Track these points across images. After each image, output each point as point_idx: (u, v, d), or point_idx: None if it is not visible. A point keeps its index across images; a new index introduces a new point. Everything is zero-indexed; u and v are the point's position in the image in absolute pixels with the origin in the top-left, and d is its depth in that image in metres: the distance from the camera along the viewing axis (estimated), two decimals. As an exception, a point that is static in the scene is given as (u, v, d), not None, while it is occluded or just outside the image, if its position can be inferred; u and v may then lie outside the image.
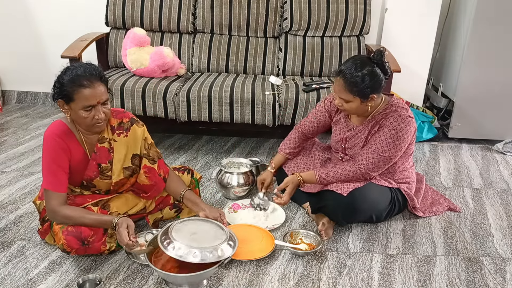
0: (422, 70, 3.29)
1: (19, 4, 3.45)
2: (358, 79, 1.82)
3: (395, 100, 1.98)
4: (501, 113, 3.10)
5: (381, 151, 1.90)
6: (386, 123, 1.91)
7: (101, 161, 1.78)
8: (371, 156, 1.92)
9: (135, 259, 1.79)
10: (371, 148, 1.92)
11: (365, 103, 1.90)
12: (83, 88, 1.60)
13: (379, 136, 1.91)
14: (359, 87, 1.84)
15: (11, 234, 1.97)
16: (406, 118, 1.90)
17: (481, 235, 2.08)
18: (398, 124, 1.89)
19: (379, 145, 1.91)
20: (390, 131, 1.89)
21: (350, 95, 1.87)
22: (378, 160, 1.91)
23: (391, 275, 1.79)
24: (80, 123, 1.69)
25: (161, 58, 2.75)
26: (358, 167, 1.93)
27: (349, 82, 1.84)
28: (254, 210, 2.16)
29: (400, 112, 1.91)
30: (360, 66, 1.84)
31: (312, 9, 3.02)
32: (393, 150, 1.90)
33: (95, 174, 1.79)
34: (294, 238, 1.96)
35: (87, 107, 1.63)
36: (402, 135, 1.90)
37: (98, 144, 1.78)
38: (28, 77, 3.66)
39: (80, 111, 1.63)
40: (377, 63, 1.86)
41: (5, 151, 2.82)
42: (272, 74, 3.07)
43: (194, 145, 3.02)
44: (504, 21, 2.88)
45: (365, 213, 1.98)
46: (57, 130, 1.69)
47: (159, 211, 2.02)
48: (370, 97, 1.88)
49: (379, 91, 1.90)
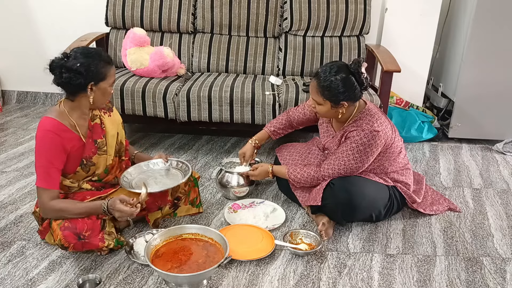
0: (422, 70, 3.29)
1: (19, 4, 3.45)
2: (331, 84, 1.85)
3: (366, 111, 1.97)
4: (501, 113, 3.10)
5: (345, 162, 1.94)
6: (351, 135, 1.94)
7: (97, 137, 1.86)
8: (336, 165, 1.96)
9: (135, 259, 1.79)
10: (337, 159, 1.96)
11: (335, 109, 1.91)
12: (110, 66, 1.78)
13: (345, 147, 1.95)
14: (331, 91, 1.86)
15: (11, 234, 1.97)
16: (370, 132, 1.89)
17: (481, 235, 2.08)
18: (361, 138, 1.90)
19: (344, 155, 1.94)
20: (352, 143, 1.92)
21: (321, 97, 1.89)
22: (342, 170, 1.95)
23: (391, 275, 1.79)
24: (102, 101, 1.82)
25: (161, 58, 2.75)
26: (321, 174, 1.99)
27: (321, 85, 1.87)
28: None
29: (365, 126, 1.91)
30: (335, 72, 1.85)
31: (312, 9, 3.02)
32: (358, 162, 1.93)
33: (93, 151, 1.84)
34: (294, 238, 1.96)
35: (114, 82, 1.83)
36: (364, 149, 1.91)
37: (91, 121, 1.86)
38: (28, 77, 3.66)
39: (108, 88, 1.79)
40: (353, 72, 1.87)
41: (5, 151, 2.82)
42: (272, 74, 3.07)
43: (194, 145, 3.02)
44: (504, 21, 2.88)
45: (364, 210, 1.98)
46: (49, 126, 1.71)
47: (159, 211, 2.03)
48: (341, 104, 1.88)
49: (351, 100, 1.90)
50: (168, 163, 2.12)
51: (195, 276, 1.58)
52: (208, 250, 1.74)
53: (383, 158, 2.01)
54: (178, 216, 2.12)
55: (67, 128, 1.76)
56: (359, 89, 1.88)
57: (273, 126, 2.32)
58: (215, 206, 2.25)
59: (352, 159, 1.93)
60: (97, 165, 1.87)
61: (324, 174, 1.98)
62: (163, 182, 2.01)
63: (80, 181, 1.86)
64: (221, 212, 2.20)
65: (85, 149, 1.82)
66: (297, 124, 2.31)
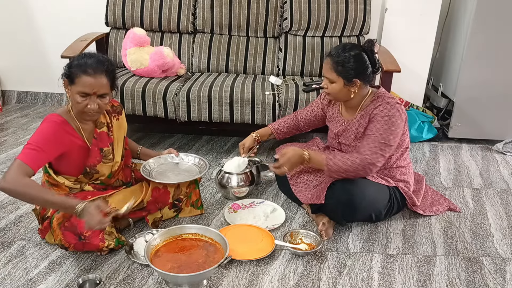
0: (422, 70, 3.29)
1: (19, 5, 3.45)
2: (344, 59, 1.88)
3: (381, 91, 2.02)
4: (501, 113, 3.10)
5: (380, 139, 1.90)
6: (377, 111, 1.93)
7: (103, 145, 1.85)
8: (373, 145, 1.90)
9: (135, 259, 1.79)
10: (370, 138, 1.92)
11: (347, 87, 1.92)
12: (85, 74, 1.67)
13: (374, 126, 1.92)
14: (344, 66, 1.88)
15: (11, 234, 1.97)
16: (395, 104, 1.93)
17: (481, 235, 2.08)
18: (389, 110, 1.91)
19: (377, 133, 1.91)
20: (383, 117, 1.91)
21: (334, 74, 1.91)
22: (380, 148, 1.89)
23: (391, 275, 1.79)
24: (73, 106, 1.76)
25: (161, 58, 2.75)
26: (364, 157, 1.89)
27: (335, 60, 1.90)
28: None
29: (388, 100, 1.95)
30: (348, 49, 1.90)
31: (312, 9, 3.02)
32: (390, 136, 1.91)
33: (98, 160, 1.83)
34: (294, 238, 1.96)
35: (83, 93, 1.69)
36: (395, 121, 1.91)
37: (97, 129, 1.84)
38: (28, 77, 3.67)
39: (76, 95, 1.70)
40: (365, 50, 1.91)
41: (5, 151, 2.82)
42: (272, 74, 3.07)
43: (194, 145, 3.02)
44: (504, 21, 2.88)
45: (364, 211, 1.98)
46: (55, 118, 1.73)
47: (158, 211, 2.03)
48: (353, 81, 1.90)
49: (364, 79, 1.92)
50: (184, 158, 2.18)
51: (195, 276, 1.58)
52: (208, 250, 1.74)
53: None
54: (179, 217, 2.12)
55: (72, 128, 1.77)
56: (371, 69, 1.91)
57: (277, 124, 2.33)
58: (215, 206, 2.25)
59: (384, 133, 1.89)
60: (101, 172, 1.87)
61: (366, 156, 1.88)
62: (183, 175, 2.08)
63: (82, 183, 1.86)
64: (221, 212, 2.20)
65: (90, 157, 1.81)
66: (304, 123, 2.30)
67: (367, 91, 2.00)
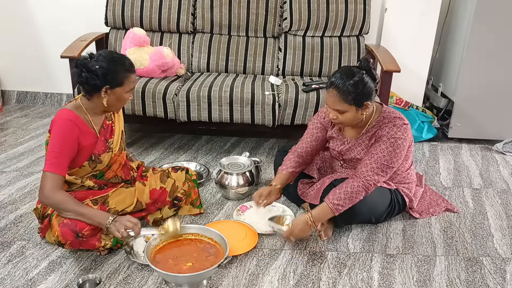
0: (422, 70, 3.29)
1: (19, 5, 3.45)
2: (351, 88, 1.82)
3: (386, 110, 1.99)
4: (501, 113, 3.10)
5: (383, 160, 1.89)
6: (383, 133, 1.92)
7: (109, 136, 1.90)
8: (375, 165, 1.89)
9: (135, 259, 1.79)
10: (373, 158, 1.90)
11: (360, 111, 1.89)
12: (131, 73, 1.82)
13: (379, 146, 1.91)
14: (353, 95, 1.83)
15: (11, 234, 1.97)
16: (401, 126, 1.91)
17: (481, 235, 2.08)
18: (395, 132, 1.90)
19: (380, 154, 1.90)
20: (389, 139, 1.90)
21: (345, 104, 1.85)
22: (381, 169, 1.89)
23: (391, 275, 1.79)
24: (117, 105, 1.85)
25: (160, 58, 2.75)
26: (364, 180, 1.88)
27: (342, 91, 1.83)
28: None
29: (395, 121, 1.93)
30: (350, 75, 1.84)
31: (312, 9, 3.02)
32: (394, 158, 1.90)
33: (103, 149, 1.87)
34: (282, 223, 2.00)
35: (132, 89, 1.85)
36: (401, 143, 1.90)
37: (107, 121, 1.91)
38: (28, 77, 3.66)
39: (125, 94, 1.82)
40: (365, 70, 1.87)
41: (5, 151, 2.82)
42: (272, 74, 3.07)
43: (194, 145, 3.02)
44: (504, 21, 2.88)
45: (364, 215, 1.98)
46: (68, 115, 1.76)
47: (158, 211, 2.03)
48: (364, 105, 1.87)
49: (371, 98, 1.90)
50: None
51: (195, 276, 1.59)
52: (208, 251, 1.74)
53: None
54: (179, 215, 2.13)
55: (83, 121, 1.80)
56: (374, 84, 1.88)
57: (289, 167, 2.09)
58: (214, 206, 2.25)
59: (388, 155, 1.89)
60: (103, 162, 1.89)
61: (366, 177, 1.87)
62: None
63: (83, 177, 1.86)
64: (221, 212, 2.20)
65: (96, 146, 1.85)
66: (309, 156, 2.15)
67: (372, 109, 1.98)
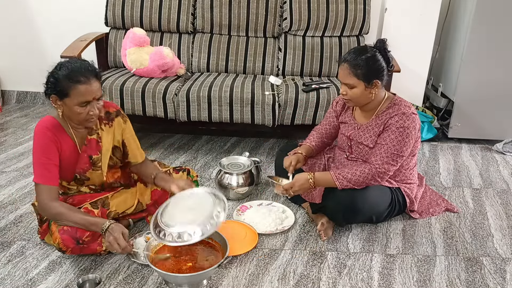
0: (422, 70, 3.29)
1: (19, 5, 3.45)
2: (362, 62, 1.87)
3: (397, 99, 2.01)
4: (501, 113, 3.10)
5: (393, 150, 1.91)
6: (392, 121, 1.93)
7: (92, 152, 1.79)
8: (384, 155, 1.92)
9: (135, 259, 1.78)
10: (383, 148, 1.93)
11: (369, 90, 1.92)
12: (79, 84, 1.60)
13: (388, 136, 1.93)
14: (364, 69, 1.87)
15: (11, 234, 1.97)
16: (410, 115, 1.93)
17: (481, 235, 2.08)
18: (404, 121, 1.91)
19: (390, 143, 1.92)
20: (398, 129, 1.91)
21: (354, 78, 1.89)
22: (392, 158, 1.92)
23: (391, 275, 1.79)
24: (73, 118, 1.69)
25: (160, 58, 2.75)
26: (374, 167, 1.91)
27: (353, 64, 1.88)
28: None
29: (404, 110, 1.94)
30: (362, 52, 1.90)
31: (312, 9, 3.02)
32: (404, 147, 1.92)
33: (87, 167, 1.79)
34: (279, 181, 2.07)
35: (83, 103, 1.63)
36: (410, 132, 1.92)
37: (88, 136, 1.79)
38: (28, 77, 3.66)
39: (75, 107, 1.63)
40: (378, 49, 1.91)
41: (5, 151, 2.82)
42: (272, 74, 3.07)
43: (194, 145, 3.02)
44: (504, 21, 2.88)
45: (365, 214, 1.98)
46: (47, 123, 1.70)
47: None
48: (374, 83, 1.90)
49: (382, 78, 1.92)
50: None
51: (195, 276, 1.59)
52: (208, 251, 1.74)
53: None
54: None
55: (64, 130, 1.74)
56: (386, 67, 1.91)
57: (312, 141, 2.23)
58: (215, 206, 2.25)
59: (397, 144, 1.91)
60: (91, 180, 1.84)
61: (376, 166, 1.91)
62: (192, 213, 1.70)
63: (78, 185, 1.86)
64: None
65: (79, 163, 1.78)
66: (328, 138, 2.25)
67: (383, 95, 2.00)
